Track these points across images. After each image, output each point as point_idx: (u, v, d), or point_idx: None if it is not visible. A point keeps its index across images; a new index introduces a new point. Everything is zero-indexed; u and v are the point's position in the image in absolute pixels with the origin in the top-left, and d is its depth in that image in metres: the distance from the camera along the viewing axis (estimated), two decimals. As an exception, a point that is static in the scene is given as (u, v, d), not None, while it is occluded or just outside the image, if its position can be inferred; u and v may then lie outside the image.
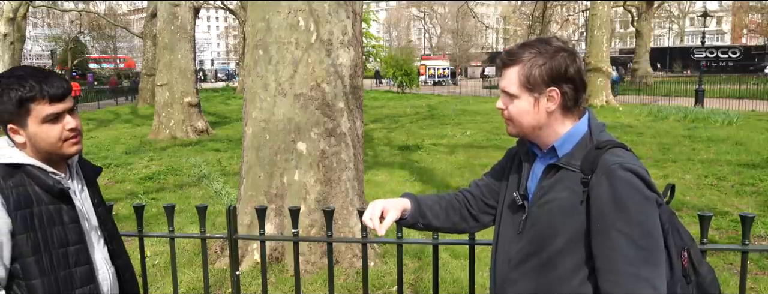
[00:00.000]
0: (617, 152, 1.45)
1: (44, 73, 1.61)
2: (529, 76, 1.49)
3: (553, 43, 1.51)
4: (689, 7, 66.29)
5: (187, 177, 9.16)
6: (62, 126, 1.61)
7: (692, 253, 1.50)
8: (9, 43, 17.92)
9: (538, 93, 1.50)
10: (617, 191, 1.39)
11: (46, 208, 1.59)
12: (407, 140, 13.24)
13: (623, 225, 1.38)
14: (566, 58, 1.49)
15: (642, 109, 19.42)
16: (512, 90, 1.53)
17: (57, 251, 1.60)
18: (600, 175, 1.42)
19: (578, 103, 1.53)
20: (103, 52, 61.27)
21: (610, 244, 1.40)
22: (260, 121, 4.68)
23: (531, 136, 1.58)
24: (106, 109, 24.86)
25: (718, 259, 4.95)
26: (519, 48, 1.53)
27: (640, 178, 1.40)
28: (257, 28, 4.68)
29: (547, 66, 1.48)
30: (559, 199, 1.48)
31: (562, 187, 1.49)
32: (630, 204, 1.38)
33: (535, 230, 1.53)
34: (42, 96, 1.56)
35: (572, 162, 1.49)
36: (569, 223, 1.47)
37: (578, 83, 1.51)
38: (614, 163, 1.42)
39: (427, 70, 47.83)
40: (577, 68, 1.49)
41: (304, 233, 4.52)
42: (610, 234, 1.40)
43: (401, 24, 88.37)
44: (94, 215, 1.77)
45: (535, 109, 1.52)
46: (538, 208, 1.53)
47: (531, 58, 1.49)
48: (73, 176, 1.74)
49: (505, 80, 1.55)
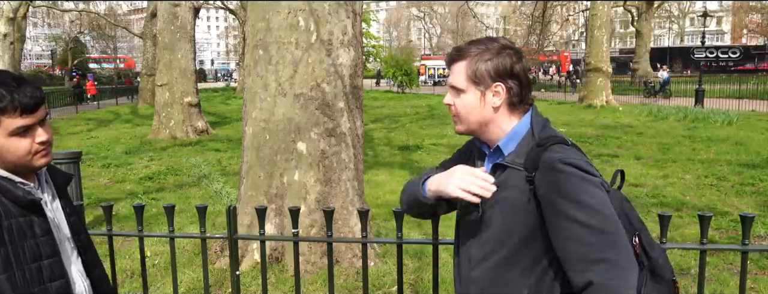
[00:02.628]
0: (557, 149, 1.47)
1: (17, 80, 1.47)
2: (475, 71, 1.54)
3: (500, 42, 1.56)
4: (689, 7, 66.26)
5: (187, 177, 9.16)
6: (32, 139, 1.49)
7: (643, 237, 1.50)
8: (9, 43, 17.91)
9: (485, 87, 1.54)
10: (561, 184, 1.41)
11: (16, 221, 1.47)
12: (407, 140, 13.24)
13: (579, 214, 1.39)
14: (512, 56, 1.53)
15: (642, 109, 19.42)
16: (459, 83, 1.57)
17: (30, 266, 1.48)
18: (543, 172, 1.44)
19: (523, 100, 1.56)
20: (103, 52, 61.24)
21: (570, 235, 1.40)
22: (260, 121, 4.68)
23: (478, 133, 1.61)
24: (106, 109, 24.85)
25: (718, 259, 4.95)
26: (467, 45, 1.59)
27: (580, 169, 1.42)
28: (257, 28, 4.68)
29: (493, 61, 1.52)
30: (510, 198, 1.50)
31: (510, 186, 1.50)
32: (578, 193, 1.40)
33: (491, 230, 1.55)
34: (13, 107, 1.43)
35: (516, 160, 1.51)
36: (522, 221, 1.49)
37: (523, 80, 1.55)
38: (554, 159, 1.44)
39: (427, 70, 47.82)
40: (522, 67, 1.54)
41: (304, 233, 4.52)
42: (566, 225, 1.40)
43: (401, 24, 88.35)
44: (66, 225, 1.65)
45: (481, 104, 1.55)
46: (489, 208, 1.54)
47: (478, 53, 1.54)
48: (42, 185, 1.62)
49: (452, 75, 1.59)
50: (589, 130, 13.83)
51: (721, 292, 4.29)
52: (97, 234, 2.56)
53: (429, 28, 77.25)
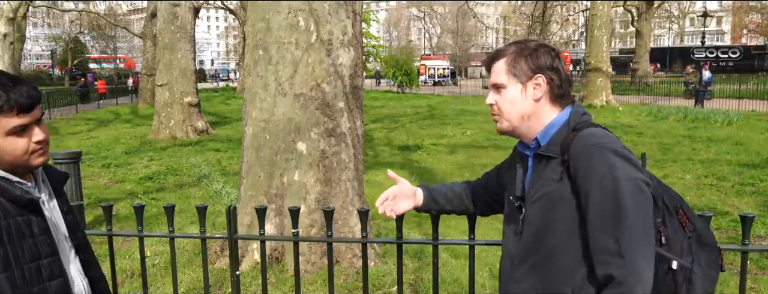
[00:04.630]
0: (590, 131, 1.48)
1: (13, 79, 1.47)
2: (515, 66, 1.57)
3: (537, 41, 1.63)
4: (689, 7, 66.29)
5: (187, 177, 9.16)
6: (29, 138, 1.49)
7: (685, 209, 1.52)
8: (9, 43, 17.92)
9: (526, 79, 1.57)
10: (594, 162, 1.41)
11: (14, 221, 1.47)
12: (407, 140, 13.24)
13: (606, 194, 1.39)
14: (549, 52, 1.58)
15: (642, 109, 19.42)
16: (501, 80, 1.60)
17: (29, 266, 1.48)
18: (575, 154, 1.45)
19: (564, 93, 1.58)
20: (103, 52, 61.26)
21: (595, 222, 1.41)
22: (260, 121, 4.68)
23: (520, 130, 1.61)
24: (106, 109, 24.84)
25: (718, 259, 4.95)
26: (504, 46, 1.65)
27: (614, 150, 1.42)
28: (257, 28, 4.68)
29: (532, 56, 1.57)
30: (547, 193, 1.50)
31: (548, 179, 1.51)
32: (612, 170, 1.39)
33: (532, 229, 1.55)
34: (9, 107, 1.44)
35: (552, 148, 1.52)
36: (561, 214, 1.48)
37: (562, 74, 1.57)
38: (587, 140, 1.45)
39: (427, 70, 47.81)
40: (560, 63, 1.58)
41: (304, 233, 4.52)
42: (594, 208, 1.41)
43: (401, 24, 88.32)
44: (63, 224, 1.66)
45: (522, 97, 1.57)
46: (531, 205, 1.55)
47: (516, 51, 1.59)
48: (39, 185, 1.62)
49: (493, 74, 1.62)
50: (589, 130, 13.81)
51: (721, 292, 4.29)
52: (97, 234, 2.56)
53: (429, 28, 77.25)
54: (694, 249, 1.48)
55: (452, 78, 48.25)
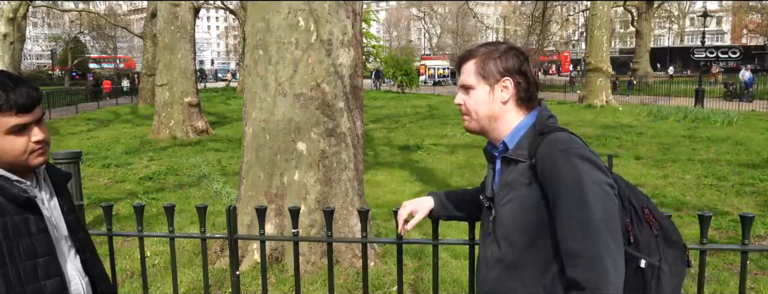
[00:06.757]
0: (557, 135, 1.51)
1: (13, 79, 1.48)
2: (484, 67, 1.60)
3: (507, 43, 1.66)
4: (689, 7, 66.25)
5: (187, 177, 9.16)
6: (28, 138, 1.50)
7: (651, 208, 1.56)
8: (9, 43, 17.93)
9: (493, 82, 1.60)
10: (560, 166, 1.44)
11: (11, 219, 1.48)
12: (407, 140, 13.24)
13: (574, 199, 1.41)
14: (519, 55, 1.61)
15: (642, 109, 19.42)
16: (469, 81, 1.63)
17: (24, 264, 1.48)
18: (542, 157, 1.47)
19: (531, 97, 1.62)
20: (103, 52, 61.21)
21: (563, 225, 1.44)
22: (260, 121, 4.68)
23: (488, 130, 1.65)
24: (106, 109, 24.84)
25: (718, 259, 4.95)
26: (475, 47, 1.68)
27: (580, 154, 1.44)
28: (257, 28, 4.68)
29: (501, 59, 1.60)
30: (518, 194, 1.53)
31: (517, 182, 1.54)
32: (577, 174, 1.42)
33: (502, 230, 1.58)
34: (9, 106, 1.44)
35: (519, 152, 1.55)
36: (531, 216, 1.51)
37: (530, 78, 1.61)
38: (554, 144, 1.48)
39: (427, 70, 47.84)
40: (528, 66, 1.61)
41: (304, 233, 4.52)
42: (564, 213, 1.43)
43: (401, 24, 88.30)
44: (63, 224, 1.66)
45: (489, 98, 1.61)
46: (501, 207, 1.58)
47: (486, 53, 1.62)
48: (40, 184, 1.63)
49: (462, 75, 1.66)
50: (589, 130, 13.82)
51: (721, 292, 4.28)
52: (97, 234, 2.56)
53: (429, 28, 77.21)
54: (661, 247, 1.53)
55: (452, 78, 48.25)
